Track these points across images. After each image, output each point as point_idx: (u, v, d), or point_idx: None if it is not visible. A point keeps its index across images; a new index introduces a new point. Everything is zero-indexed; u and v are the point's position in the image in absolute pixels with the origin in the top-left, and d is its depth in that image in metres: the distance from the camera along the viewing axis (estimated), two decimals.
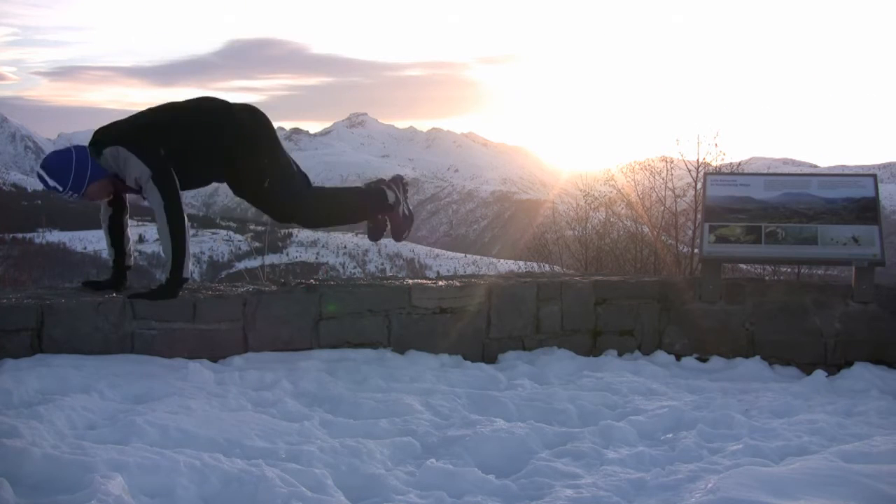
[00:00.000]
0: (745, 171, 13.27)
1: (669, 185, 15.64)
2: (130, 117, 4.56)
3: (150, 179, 4.27)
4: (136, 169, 4.28)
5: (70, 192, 4.32)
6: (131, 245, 4.80)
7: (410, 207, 5.26)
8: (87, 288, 4.69)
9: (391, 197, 5.06)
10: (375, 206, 5.08)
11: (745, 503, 2.50)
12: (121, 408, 3.52)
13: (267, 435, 3.33)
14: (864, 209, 5.41)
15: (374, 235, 5.24)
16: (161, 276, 4.50)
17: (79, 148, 4.37)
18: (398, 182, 5.20)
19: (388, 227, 5.21)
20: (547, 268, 15.10)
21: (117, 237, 4.70)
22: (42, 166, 4.32)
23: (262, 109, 4.70)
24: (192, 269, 4.51)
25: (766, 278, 7.50)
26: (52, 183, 4.28)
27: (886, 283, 5.57)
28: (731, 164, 15.34)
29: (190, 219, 4.47)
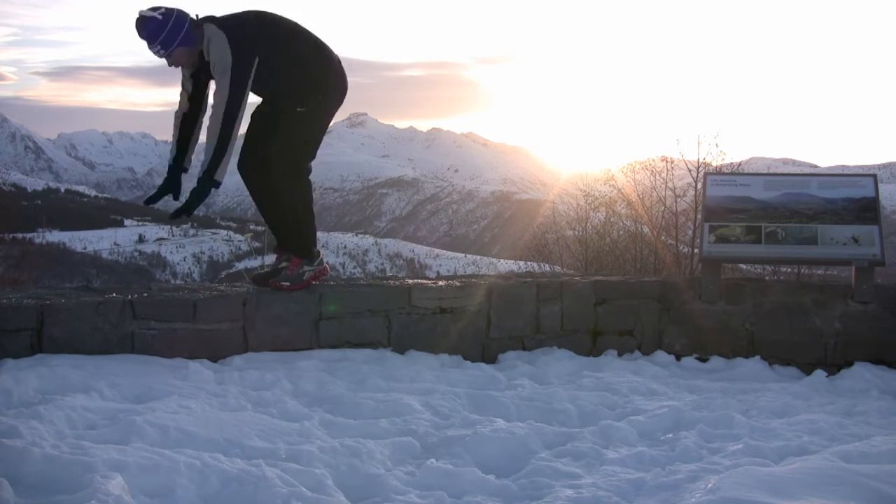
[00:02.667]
0: (745, 171, 13.27)
1: (669, 185, 15.64)
2: (244, 15, 4.58)
3: (228, 69, 4.28)
4: (221, 52, 4.29)
5: (159, 48, 4.34)
6: (194, 148, 4.75)
7: (306, 278, 4.91)
8: (149, 203, 4.74)
9: (315, 253, 4.91)
10: (305, 240, 4.89)
11: (745, 503, 2.50)
12: (121, 408, 3.53)
13: (267, 435, 3.33)
14: (864, 209, 5.41)
15: (261, 280, 4.94)
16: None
17: (179, 10, 4.40)
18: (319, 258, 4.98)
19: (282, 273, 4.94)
20: (547, 268, 15.11)
21: (185, 134, 4.67)
22: (141, 15, 4.33)
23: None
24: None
25: (766, 278, 7.51)
26: (146, 33, 4.30)
27: (886, 283, 5.57)
28: (731, 164, 15.34)
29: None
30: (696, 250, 12.57)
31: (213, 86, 4.48)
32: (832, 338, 5.26)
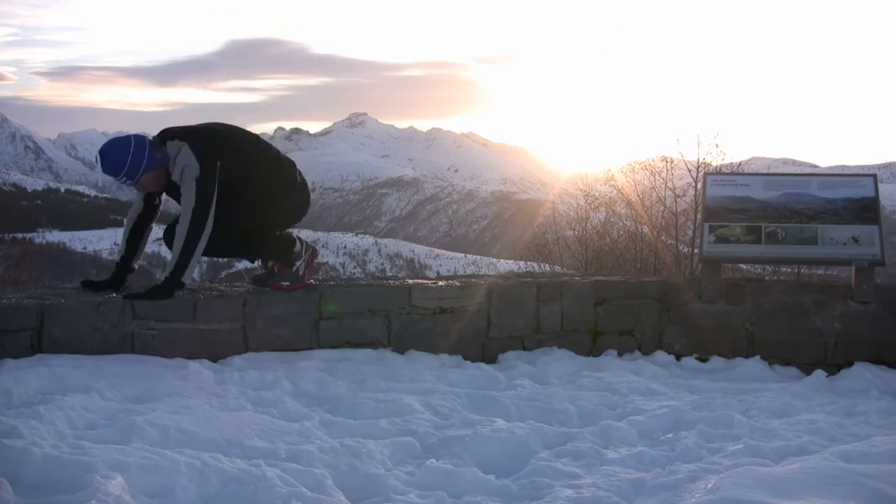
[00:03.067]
0: (745, 171, 13.27)
1: (669, 185, 15.65)
2: (205, 125, 4.64)
3: (194, 179, 4.31)
4: (187, 161, 4.31)
5: (124, 179, 4.37)
6: (144, 249, 4.79)
7: (302, 273, 4.94)
8: (87, 288, 4.68)
9: (297, 247, 4.90)
10: (285, 256, 4.88)
11: (745, 503, 2.49)
12: (121, 408, 3.53)
13: (267, 435, 3.33)
14: (864, 209, 5.41)
15: (261, 281, 4.99)
16: (160, 275, 4.50)
17: (138, 136, 4.43)
18: (310, 247, 5.01)
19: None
20: (547, 268, 15.12)
21: (136, 236, 4.70)
22: (100, 151, 4.36)
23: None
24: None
25: (766, 278, 7.51)
26: (108, 168, 4.33)
27: (886, 283, 5.57)
28: (731, 164, 15.35)
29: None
30: (696, 250, 12.57)
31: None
32: (832, 338, 5.26)
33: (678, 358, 5.30)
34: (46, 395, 3.55)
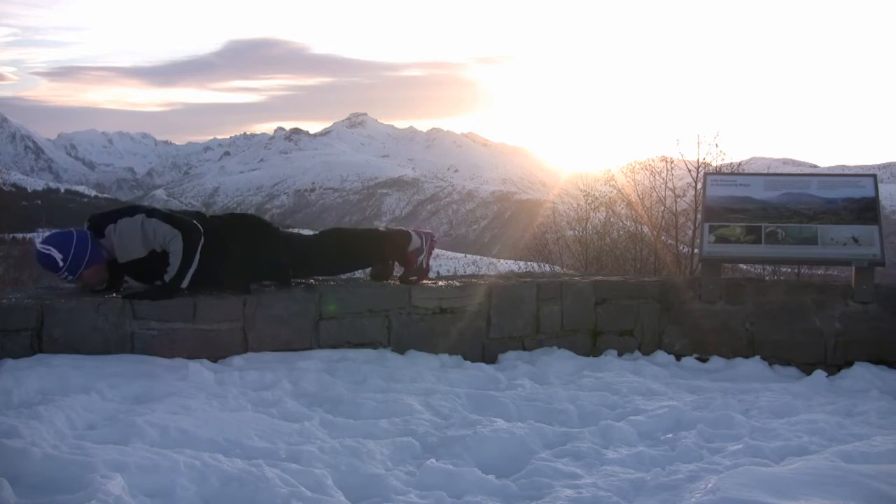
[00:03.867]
0: (745, 171, 13.27)
1: (669, 185, 15.66)
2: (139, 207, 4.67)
3: (177, 236, 4.33)
4: (162, 230, 4.33)
5: (66, 274, 4.35)
6: None
7: (425, 266, 5.20)
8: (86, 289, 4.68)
9: (416, 242, 5.11)
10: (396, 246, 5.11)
11: (745, 503, 2.49)
12: (121, 408, 3.52)
13: (267, 435, 3.33)
14: (864, 209, 5.41)
15: (380, 276, 5.26)
16: (166, 278, 4.49)
17: (80, 231, 4.41)
18: (428, 236, 5.24)
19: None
20: (547, 268, 15.12)
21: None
22: (42, 242, 4.36)
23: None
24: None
25: (766, 278, 7.51)
26: (49, 262, 4.30)
27: (886, 283, 5.57)
28: (731, 164, 15.36)
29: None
30: (696, 250, 12.57)
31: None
32: (832, 338, 5.26)
33: (678, 358, 5.30)
34: (46, 395, 3.56)
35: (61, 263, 4.30)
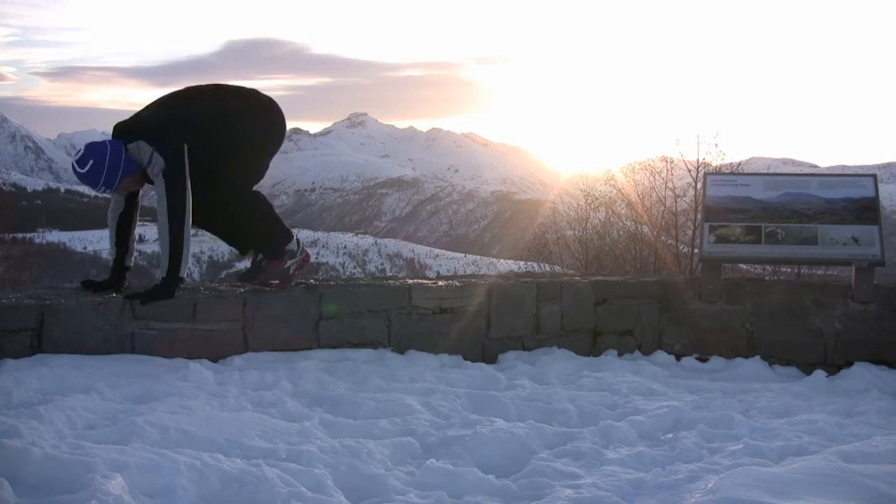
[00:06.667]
0: (745, 171, 13.27)
1: (669, 185, 15.68)
2: (153, 108, 4.58)
3: (160, 172, 4.26)
4: (152, 158, 4.27)
5: (103, 188, 4.32)
6: (135, 245, 4.77)
7: (292, 272, 4.93)
8: (87, 288, 4.68)
9: (294, 245, 4.88)
10: (274, 243, 4.83)
11: (745, 503, 2.50)
12: (121, 408, 3.53)
13: (267, 435, 3.33)
14: (864, 209, 5.41)
15: (247, 277, 4.92)
16: (160, 275, 4.49)
17: (114, 143, 4.35)
18: (300, 246, 4.99)
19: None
20: (547, 268, 15.13)
21: (123, 234, 4.68)
22: (76, 160, 4.29)
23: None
24: (190, 268, 4.50)
25: (766, 278, 7.51)
26: (86, 177, 4.27)
27: (886, 283, 5.57)
28: (731, 164, 15.38)
29: None
30: (696, 250, 12.57)
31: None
32: (832, 338, 5.26)
33: (678, 358, 5.30)
34: (46, 395, 3.55)
35: (95, 182, 4.26)
